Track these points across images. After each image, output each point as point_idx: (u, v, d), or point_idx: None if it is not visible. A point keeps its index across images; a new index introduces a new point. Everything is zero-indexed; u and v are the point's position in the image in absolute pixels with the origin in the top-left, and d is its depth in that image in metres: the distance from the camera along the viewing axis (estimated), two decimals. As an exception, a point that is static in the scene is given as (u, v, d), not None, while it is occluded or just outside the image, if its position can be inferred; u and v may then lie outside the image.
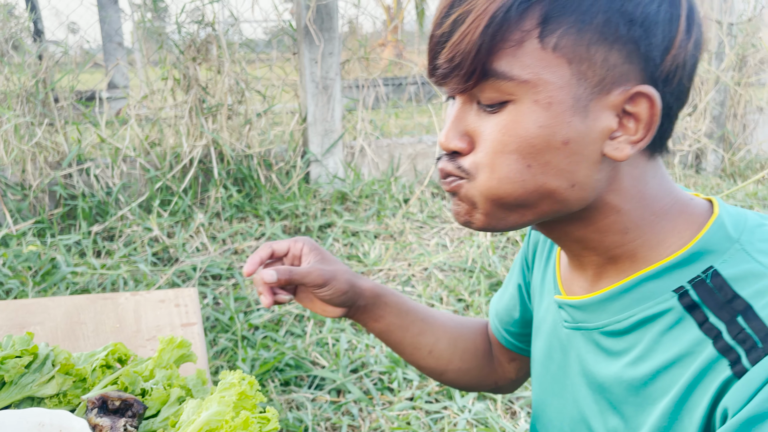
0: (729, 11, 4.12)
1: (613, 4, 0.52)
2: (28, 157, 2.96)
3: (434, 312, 0.93)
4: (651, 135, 0.55)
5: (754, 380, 0.50)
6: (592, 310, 0.65)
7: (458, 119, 0.59)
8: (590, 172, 0.56)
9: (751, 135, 4.44)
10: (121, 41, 4.90)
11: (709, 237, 0.58)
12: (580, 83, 0.54)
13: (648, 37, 0.53)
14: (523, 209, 0.59)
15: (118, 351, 0.86)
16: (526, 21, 0.53)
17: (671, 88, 0.55)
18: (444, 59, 0.56)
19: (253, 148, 3.37)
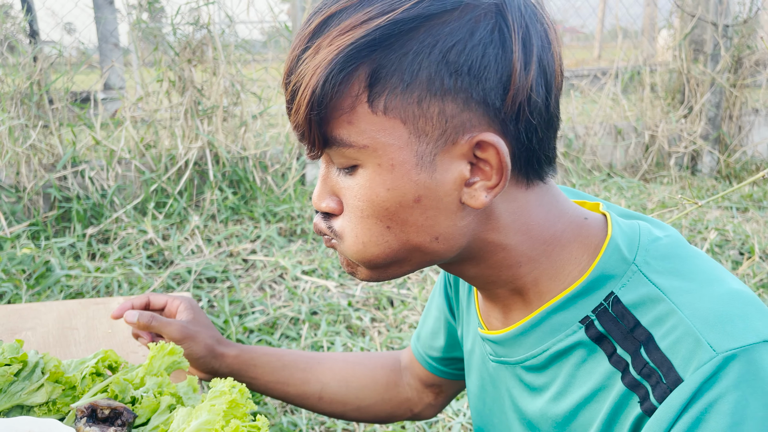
0: (724, 13, 4.13)
1: (433, 57, 0.51)
2: (22, 160, 2.95)
3: (319, 357, 0.92)
4: (505, 179, 0.55)
5: (662, 419, 0.51)
6: (509, 345, 0.65)
7: (324, 179, 0.60)
8: (452, 221, 0.56)
9: (746, 137, 4.44)
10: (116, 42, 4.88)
11: (605, 261, 0.58)
12: (420, 140, 0.53)
13: (479, 83, 0.52)
14: (397, 264, 0.60)
15: (109, 358, 0.85)
16: (353, 86, 0.52)
17: (523, 124, 0.54)
18: (292, 126, 0.57)
19: (249, 150, 3.36)
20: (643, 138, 4.27)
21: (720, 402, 0.48)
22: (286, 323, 2.29)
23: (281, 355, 0.91)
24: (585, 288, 0.58)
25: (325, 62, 0.52)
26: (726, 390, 0.48)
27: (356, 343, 2.16)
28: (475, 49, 0.51)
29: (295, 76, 0.54)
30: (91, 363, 0.83)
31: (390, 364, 0.94)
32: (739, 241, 2.95)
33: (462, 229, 0.57)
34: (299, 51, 0.54)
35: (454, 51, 0.51)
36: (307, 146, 0.57)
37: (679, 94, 4.35)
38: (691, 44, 4.25)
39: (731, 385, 0.48)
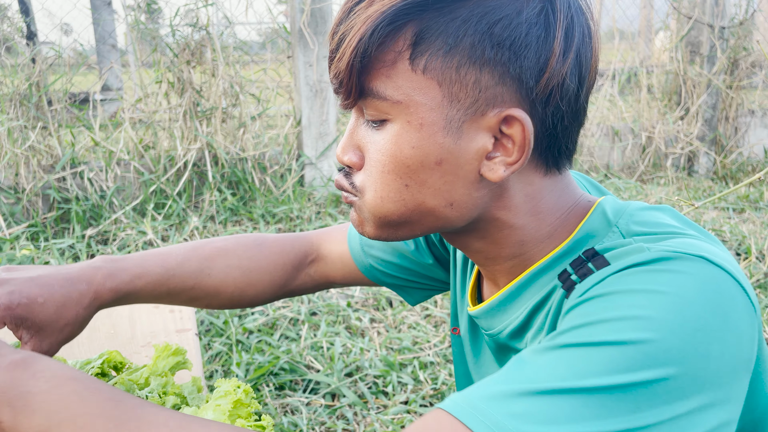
0: (720, 15, 4.15)
1: (480, 27, 0.52)
2: (21, 161, 2.96)
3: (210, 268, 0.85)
4: (525, 157, 0.56)
5: (578, 291, 0.53)
6: (492, 315, 0.66)
7: (352, 133, 0.61)
8: (468, 191, 0.57)
9: (742, 138, 4.47)
10: (114, 43, 4.89)
11: (589, 224, 0.60)
12: (452, 105, 0.54)
13: (517, 60, 0.53)
14: (409, 225, 0.60)
15: (114, 359, 0.86)
16: (398, 42, 0.54)
17: (550, 109, 0.55)
18: (332, 75, 0.58)
19: (248, 152, 3.37)
20: (640, 139, 4.29)
21: (639, 273, 0.50)
22: (286, 324, 2.30)
23: (166, 281, 0.82)
24: (567, 248, 0.60)
25: (376, 14, 0.53)
26: (647, 269, 0.50)
27: (356, 343, 2.17)
28: (520, 26, 0.53)
29: (345, 26, 0.55)
30: (97, 363, 0.84)
31: (292, 261, 0.90)
32: (735, 242, 2.97)
33: (476, 200, 0.58)
34: (353, 3, 0.55)
35: (500, 24, 0.52)
36: (343, 95, 0.58)
37: (675, 95, 4.37)
38: (687, 46, 4.27)
39: (654, 267, 0.50)
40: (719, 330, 0.47)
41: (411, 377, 2.00)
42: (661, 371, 0.45)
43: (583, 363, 0.46)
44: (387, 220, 0.60)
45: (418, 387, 1.97)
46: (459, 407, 0.47)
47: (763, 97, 4.59)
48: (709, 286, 0.48)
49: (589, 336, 0.47)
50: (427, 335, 2.25)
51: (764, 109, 4.53)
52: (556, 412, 0.44)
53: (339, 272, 0.92)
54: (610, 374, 0.45)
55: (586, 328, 0.48)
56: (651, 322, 0.46)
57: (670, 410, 0.45)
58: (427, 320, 2.37)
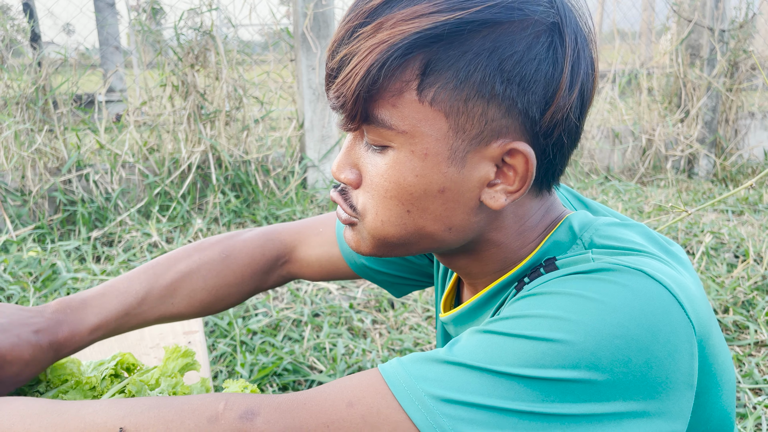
0: (720, 18, 4.17)
1: (491, 62, 0.52)
2: (27, 163, 2.99)
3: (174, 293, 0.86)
4: (526, 187, 0.57)
5: (524, 290, 0.55)
6: (461, 323, 0.69)
7: (349, 151, 0.61)
8: (467, 216, 0.59)
9: (742, 140, 4.49)
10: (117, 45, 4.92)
11: (554, 238, 0.61)
12: (457, 135, 0.55)
13: (525, 95, 0.54)
14: (405, 246, 0.62)
15: (126, 360, 0.89)
16: (406, 72, 0.54)
17: (552, 140, 0.57)
18: (333, 95, 0.57)
19: (251, 154, 3.40)
20: (641, 141, 4.32)
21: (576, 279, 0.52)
22: (289, 325, 2.33)
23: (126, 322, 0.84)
24: (533, 259, 0.62)
25: (386, 44, 0.52)
26: (585, 276, 0.52)
27: (358, 344, 2.20)
28: (530, 63, 0.53)
29: (348, 48, 0.55)
30: (111, 365, 0.87)
31: (263, 266, 0.90)
32: (734, 245, 2.99)
33: (473, 225, 0.60)
34: (356, 23, 0.55)
35: (510, 60, 0.53)
36: (346, 119, 0.57)
37: (675, 97, 4.39)
38: (687, 49, 4.30)
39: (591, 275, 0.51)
40: (644, 341, 0.47)
41: (412, 378, 2.03)
42: (573, 372, 0.47)
43: (498, 350, 0.49)
44: (386, 241, 0.61)
45: (420, 387, 2.00)
46: (388, 365, 0.52)
47: (762, 99, 4.61)
48: (641, 298, 0.49)
49: (511, 328, 0.50)
50: (429, 336, 2.28)
51: (764, 111, 4.55)
52: (464, 384, 0.48)
53: (316, 273, 0.92)
54: (520, 366, 0.48)
55: (512, 320, 0.51)
56: (570, 324, 0.48)
57: (583, 408, 0.47)
58: (428, 321, 2.40)
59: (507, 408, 0.47)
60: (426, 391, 0.49)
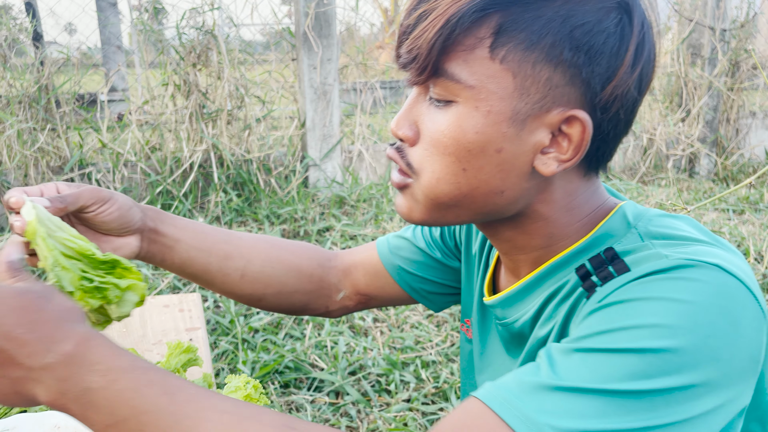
0: (722, 17, 4.17)
1: (563, 28, 0.55)
2: (30, 162, 3.00)
3: (239, 234, 0.87)
4: (579, 157, 0.59)
5: (599, 294, 0.55)
6: (509, 304, 0.69)
7: (410, 108, 0.62)
8: (519, 181, 0.60)
9: (743, 139, 4.49)
10: (120, 44, 4.93)
11: (609, 225, 0.62)
12: (521, 97, 0.56)
13: (590, 65, 0.56)
14: (457, 209, 0.62)
15: (129, 356, 0.90)
16: (481, 29, 0.56)
17: (608, 116, 0.58)
18: (405, 50, 0.59)
19: (253, 153, 3.41)
20: (642, 141, 4.32)
21: (658, 281, 0.52)
22: (290, 323, 2.34)
23: (199, 223, 0.85)
24: (586, 245, 0.63)
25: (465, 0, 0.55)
26: (665, 276, 0.52)
27: (359, 342, 2.21)
28: (600, 34, 0.55)
29: (428, 5, 0.57)
30: (113, 360, 0.88)
31: (316, 257, 0.92)
32: (734, 243, 3.00)
33: (523, 191, 0.61)
34: None
35: (581, 29, 0.55)
36: (415, 71, 0.59)
37: (677, 97, 4.40)
38: (688, 48, 4.30)
39: (671, 274, 0.52)
40: (730, 335, 0.50)
41: (413, 376, 2.04)
42: (677, 378, 0.48)
43: (605, 368, 0.49)
44: (439, 202, 0.62)
45: (421, 385, 2.01)
46: (494, 398, 0.50)
47: (764, 98, 4.61)
48: (723, 294, 0.51)
49: (612, 342, 0.50)
50: (429, 335, 2.29)
51: (765, 110, 4.55)
52: (581, 409, 0.48)
53: (364, 277, 0.92)
54: (630, 380, 0.48)
55: (610, 335, 0.51)
56: (669, 330, 0.49)
57: (685, 412, 0.48)
58: (429, 320, 2.41)
59: (626, 428, 0.48)
60: (549, 425, 0.48)
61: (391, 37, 7.08)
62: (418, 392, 1.96)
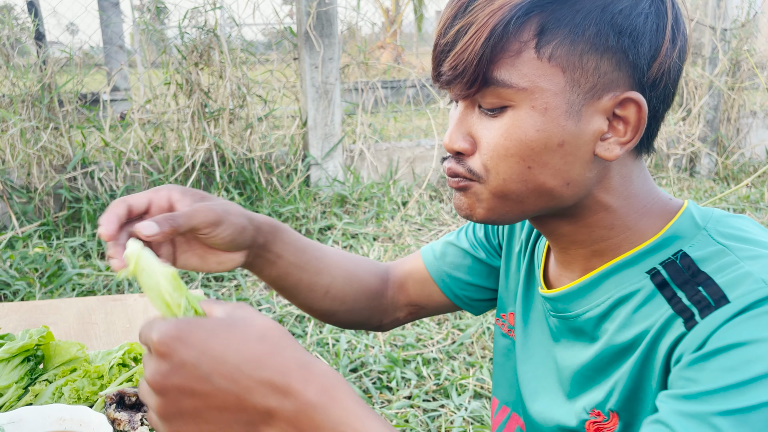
0: (723, 17, 4.18)
1: (604, 16, 0.57)
2: (33, 161, 3.02)
3: (327, 249, 0.88)
4: (638, 137, 0.60)
5: (703, 330, 0.55)
6: (573, 299, 0.69)
7: (461, 122, 0.64)
8: (583, 170, 0.61)
9: (744, 139, 4.50)
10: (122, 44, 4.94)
11: (678, 225, 0.63)
12: (573, 89, 0.58)
13: (636, 46, 0.58)
14: (523, 204, 0.63)
15: (134, 350, 0.91)
16: (524, 33, 0.58)
17: (657, 92, 0.60)
18: (448, 67, 0.61)
19: (255, 152, 3.42)
20: (643, 140, 4.32)
21: (761, 316, 0.53)
22: (292, 321, 2.35)
23: (299, 236, 0.84)
24: (655, 246, 0.63)
25: (506, 7, 0.57)
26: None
27: (361, 340, 2.22)
28: (638, 16, 0.58)
29: (464, 20, 0.59)
30: (118, 354, 0.89)
31: (379, 272, 0.93)
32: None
33: (587, 180, 0.62)
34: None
35: (621, 14, 0.57)
36: (463, 85, 0.60)
37: (677, 96, 4.40)
38: (689, 48, 4.30)
39: None
40: None
41: (414, 373, 2.05)
42: None
43: (757, 424, 0.50)
44: (506, 197, 0.63)
45: (422, 382, 2.02)
46: None
47: (764, 98, 4.61)
48: None
49: (747, 400, 0.50)
50: (431, 332, 2.30)
51: (766, 110, 4.55)
52: None
53: (414, 287, 0.93)
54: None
55: (741, 392, 0.51)
56: None
57: None
58: (430, 318, 2.42)
59: None
60: None
61: (392, 36, 7.09)
62: (419, 389, 1.96)
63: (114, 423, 0.77)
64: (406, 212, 3.39)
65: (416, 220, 3.34)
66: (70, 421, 0.78)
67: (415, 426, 1.79)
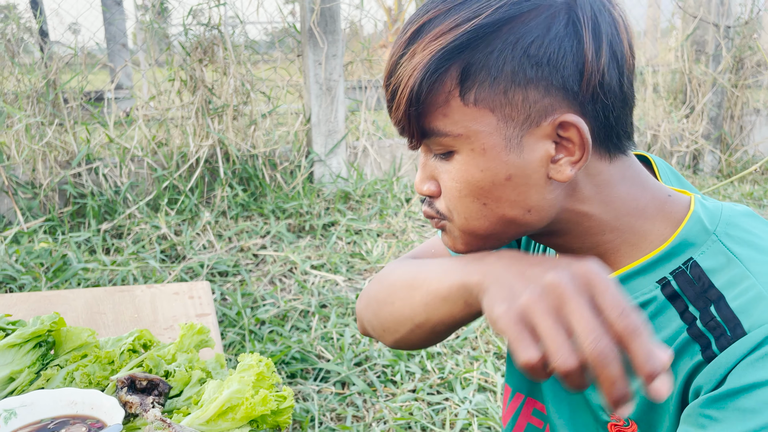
0: (726, 14, 4.18)
1: (516, 52, 0.58)
2: (38, 157, 3.03)
3: None
4: (587, 154, 0.60)
5: (721, 365, 0.56)
6: None
7: (424, 166, 0.68)
8: (541, 195, 0.62)
9: (747, 136, 4.49)
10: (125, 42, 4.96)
11: (687, 231, 0.62)
12: (507, 125, 0.60)
13: (557, 71, 0.58)
14: (494, 237, 0.66)
15: (144, 337, 0.92)
16: (446, 84, 0.60)
17: (599, 104, 0.60)
18: (394, 122, 0.65)
19: (258, 148, 3.43)
20: (646, 137, 4.32)
21: None
22: (296, 315, 2.36)
23: None
24: (665, 254, 0.63)
25: (420, 65, 0.60)
26: None
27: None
28: (552, 42, 0.58)
29: (395, 78, 0.62)
30: (128, 341, 0.90)
31: None
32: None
33: (551, 201, 0.63)
34: (397, 57, 0.62)
35: (533, 46, 0.58)
36: (408, 138, 0.65)
37: (681, 94, 4.40)
38: (693, 45, 4.30)
39: None
40: None
41: (419, 367, 2.05)
42: None
43: None
44: (475, 234, 0.66)
45: (426, 376, 2.02)
46: None
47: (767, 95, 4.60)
48: None
49: None
50: (434, 327, 2.31)
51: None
52: None
53: None
54: None
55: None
56: None
57: None
58: (434, 313, 2.43)
59: None
60: None
61: (394, 34, 7.09)
62: (423, 383, 1.97)
63: (126, 406, 0.77)
64: (410, 209, 3.40)
65: (419, 216, 3.35)
66: (82, 405, 0.78)
67: (419, 419, 1.80)
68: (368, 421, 1.81)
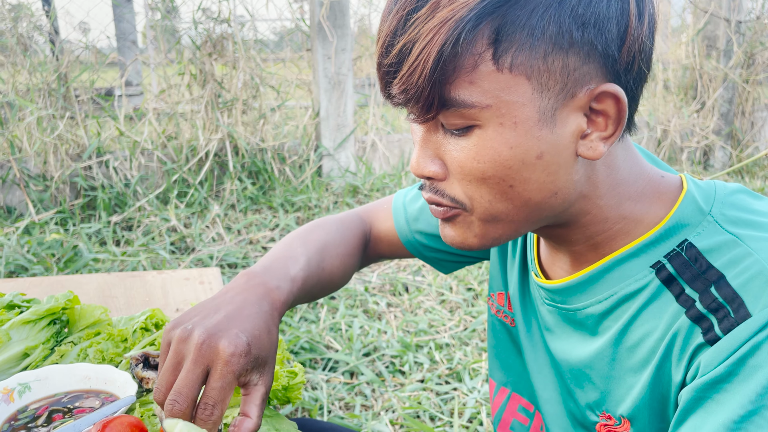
0: (737, 9, 4.15)
1: (563, 11, 0.51)
2: (50, 149, 3.05)
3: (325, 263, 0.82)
4: (621, 129, 0.55)
5: (725, 348, 0.52)
6: (573, 293, 0.65)
7: (425, 143, 0.58)
8: (569, 175, 0.56)
9: (759, 132, 4.46)
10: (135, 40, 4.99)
11: (681, 212, 0.59)
12: (542, 96, 0.53)
13: (602, 35, 0.52)
14: (514, 223, 0.59)
15: (155, 316, 0.93)
16: (477, 44, 0.51)
17: (632, 75, 0.55)
18: (398, 90, 0.54)
19: (267, 142, 3.44)
20: (656, 133, 4.31)
21: None
22: (305, 307, 2.37)
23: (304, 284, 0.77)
24: (659, 236, 0.59)
25: (452, 20, 0.50)
26: None
27: (373, 325, 2.23)
28: (600, 1, 0.52)
29: (406, 37, 0.52)
30: (141, 319, 0.91)
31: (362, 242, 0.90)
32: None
33: (575, 184, 0.57)
34: (407, 10, 0.52)
35: (581, 4, 0.51)
36: (420, 109, 0.54)
37: (691, 89, 4.38)
38: (703, 40, 4.28)
39: None
40: None
41: (427, 357, 2.06)
42: None
43: None
44: (498, 219, 0.58)
45: (434, 367, 2.03)
46: None
47: (779, 91, 4.57)
48: None
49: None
50: (443, 319, 2.31)
51: (781, 103, 4.52)
52: None
53: (386, 248, 0.92)
54: None
55: None
56: None
57: None
58: (442, 305, 2.43)
59: None
60: None
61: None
62: (432, 373, 1.97)
63: (142, 382, 0.78)
64: (418, 203, 3.40)
65: (428, 210, 3.35)
66: (96, 380, 0.79)
67: (428, 408, 1.80)
68: (377, 410, 1.82)
